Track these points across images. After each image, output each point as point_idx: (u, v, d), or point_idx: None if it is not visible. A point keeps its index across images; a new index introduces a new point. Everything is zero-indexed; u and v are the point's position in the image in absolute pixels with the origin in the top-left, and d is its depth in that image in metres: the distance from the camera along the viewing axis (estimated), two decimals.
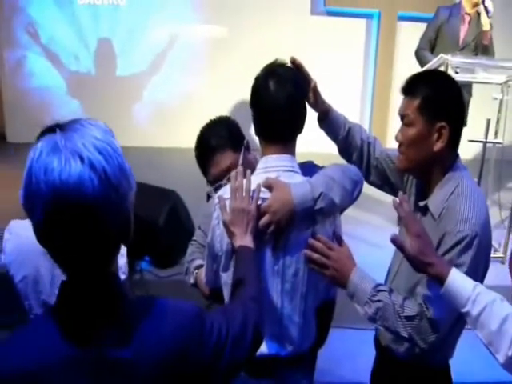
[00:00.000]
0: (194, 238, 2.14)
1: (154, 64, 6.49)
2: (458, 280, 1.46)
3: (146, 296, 1.14)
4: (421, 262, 1.49)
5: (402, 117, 1.77)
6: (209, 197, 1.98)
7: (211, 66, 6.47)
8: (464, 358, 1.95)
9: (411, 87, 1.76)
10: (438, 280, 1.47)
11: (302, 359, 1.80)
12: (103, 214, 0.97)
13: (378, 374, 2.08)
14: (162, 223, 2.77)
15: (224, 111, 6.50)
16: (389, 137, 6.02)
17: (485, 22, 4.63)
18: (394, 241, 1.53)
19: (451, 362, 1.90)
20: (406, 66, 5.20)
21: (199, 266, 1.97)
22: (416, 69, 4.58)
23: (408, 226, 1.53)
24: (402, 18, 6.32)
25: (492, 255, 4.14)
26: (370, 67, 6.55)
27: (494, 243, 4.32)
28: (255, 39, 6.29)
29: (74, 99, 6.52)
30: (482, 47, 4.76)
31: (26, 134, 6.15)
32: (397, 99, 1.83)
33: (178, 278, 2.16)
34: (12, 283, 1.94)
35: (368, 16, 6.48)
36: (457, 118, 1.75)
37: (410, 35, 5.71)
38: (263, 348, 1.58)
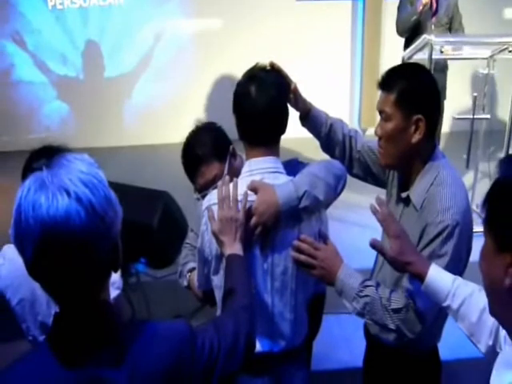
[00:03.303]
0: (187, 240, 2.18)
1: (142, 63, 6.48)
2: (437, 276, 1.50)
3: (137, 320, 1.18)
4: (400, 261, 1.54)
5: (381, 112, 1.81)
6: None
7: (199, 60, 6.44)
8: (454, 335, 2.00)
9: (387, 82, 1.79)
10: (419, 278, 1.52)
11: (296, 353, 1.85)
12: (92, 245, 1.00)
13: (369, 361, 2.14)
14: (155, 224, 2.80)
15: (213, 105, 6.52)
16: (377, 117, 6.02)
17: None
18: (373, 245, 1.59)
19: (442, 338, 1.96)
20: (393, 44, 5.23)
21: (192, 269, 2.02)
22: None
23: (387, 228, 1.57)
24: None
25: (482, 230, 4.22)
26: (358, 48, 6.55)
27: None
28: (241, 30, 6.29)
29: (63, 103, 6.52)
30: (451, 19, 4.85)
31: (17, 142, 6.18)
32: None
33: (174, 277, 2.21)
34: (9, 307, 1.96)
35: None
36: (433, 109, 1.78)
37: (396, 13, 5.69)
38: (256, 346, 1.63)
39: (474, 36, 4.51)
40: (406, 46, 4.96)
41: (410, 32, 4.85)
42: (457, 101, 4.87)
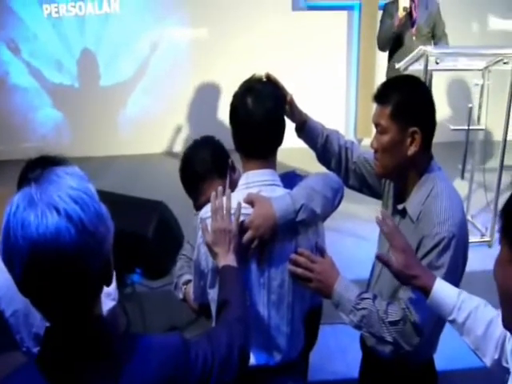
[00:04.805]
0: (183, 252, 2.16)
1: (137, 72, 6.48)
2: (442, 290, 1.49)
3: (131, 333, 1.17)
4: (406, 275, 1.53)
5: (376, 125, 1.81)
6: None
7: (195, 68, 6.46)
8: (450, 345, 2.01)
9: (383, 95, 1.79)
10: (424, 291, 1.51)
11: (292, 366, 1.84)
12: (82, 262, 0.98)
13: (365, 372, 2.13)
14: (151, 235, 2.79)
15: (209, 115, 6.52)
16: (373, 128, 6.03)
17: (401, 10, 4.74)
18: (379, 258, 1.58)
19: (437, 349, 1.96)
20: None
21: (188, 281, 2.00)
22: None
23: (392, 241, 1.56)
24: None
25: (479, 239, 4.24)
26: (353, 58, 6.57)
27: (481, 227, 4.38)
28: (238, 40, 6.30)
29: (58, 112, 6.50)
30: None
31: (12, 151, 6.16)
32: None
33: (170, 288, 2.21)
34: (2, 318, 1.95)
35: (349, 8, 6.48)
36: (428, 121, 1.79)
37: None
38: (252, 359, 1.62)
39: (469, 47, 4.54)
40: (390, 57, 5.01)
41: (391, 44, 4.92)
42: (452, 112, 4.90)
